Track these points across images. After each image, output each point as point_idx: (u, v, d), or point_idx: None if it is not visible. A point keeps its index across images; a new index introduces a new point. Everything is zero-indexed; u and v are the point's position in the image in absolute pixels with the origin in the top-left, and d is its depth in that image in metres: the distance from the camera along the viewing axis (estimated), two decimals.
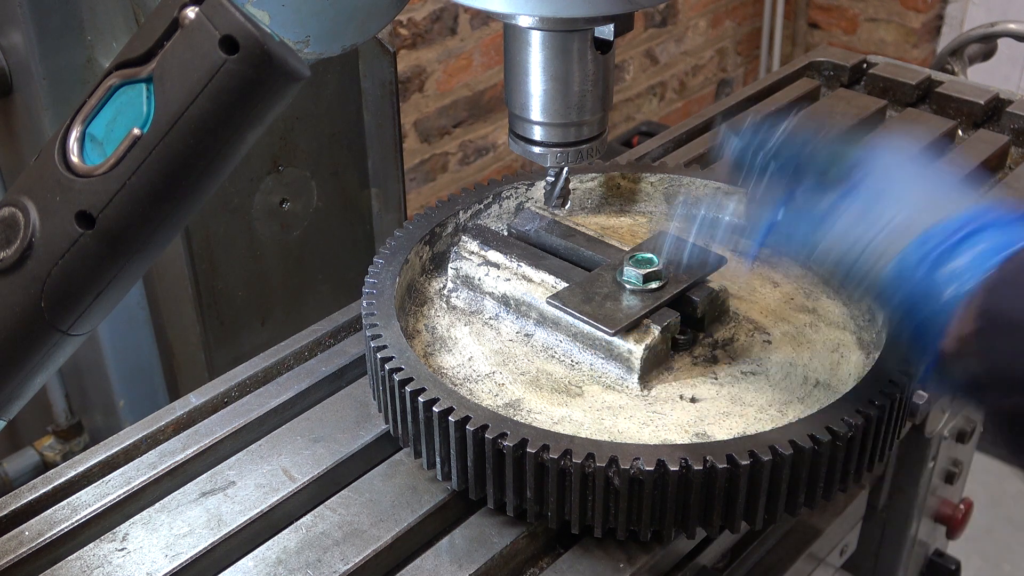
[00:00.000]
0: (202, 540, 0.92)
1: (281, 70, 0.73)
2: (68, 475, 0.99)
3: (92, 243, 0.76)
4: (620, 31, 0.93)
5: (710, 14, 4.23)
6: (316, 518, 0.94)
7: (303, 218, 1.54)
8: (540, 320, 1.05)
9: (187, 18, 0.73)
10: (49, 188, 0.76)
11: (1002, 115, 1.55)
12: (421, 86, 3.22)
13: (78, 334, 0.82)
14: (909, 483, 1.48)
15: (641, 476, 0.85)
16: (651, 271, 1.01)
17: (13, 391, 0.84)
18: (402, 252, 1.09)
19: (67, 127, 0.77)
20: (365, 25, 0.81)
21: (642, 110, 4.14)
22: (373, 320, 1.00)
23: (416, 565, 0.91)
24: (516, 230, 1.14)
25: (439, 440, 0.91)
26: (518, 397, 0.99)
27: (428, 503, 0.95)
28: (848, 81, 1.68)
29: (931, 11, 4.17)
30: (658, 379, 1.00)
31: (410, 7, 3.06)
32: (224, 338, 1.52)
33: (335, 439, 1.02)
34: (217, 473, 0.99)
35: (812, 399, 0.98)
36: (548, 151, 1.01)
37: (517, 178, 1.22)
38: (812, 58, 1.72)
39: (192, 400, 1.08)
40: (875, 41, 4.28)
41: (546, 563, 0.93)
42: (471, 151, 3.50)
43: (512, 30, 0.95)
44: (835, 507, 1.31)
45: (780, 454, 0.86)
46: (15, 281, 0.78)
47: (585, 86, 0.96)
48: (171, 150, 0.74)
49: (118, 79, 0.76)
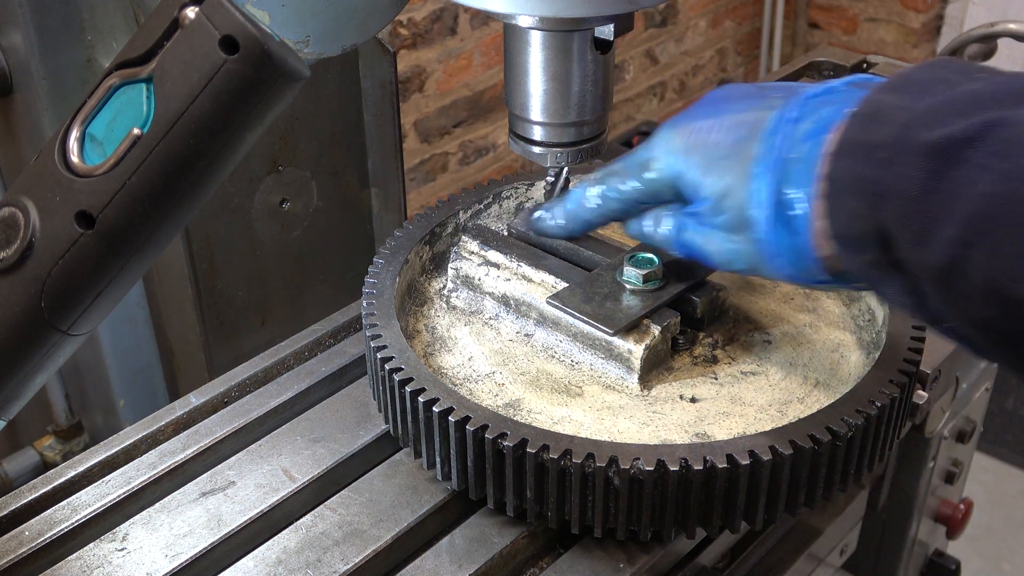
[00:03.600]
0: (202, 540, 0.92)
1: (281, 70, 0.74)
2: (68, 475, 0.99)
3: (92, 243, 0.76)
4: (620, 31, 0.94)
5: (710, 14, 4.23)
6: (316, 518, 0.94)
7: (303, 218, 1.54)
8: (540, 320, 1.05)
9: (187, 18, 0.73)
10: (49, 188, 0.76)
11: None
12: (421, 86, 3.22)
13: (78, 334, 0.82)
14: (909, 483, 1.48)
15: (641, 476, 0.85)
16: (651, 271, 1.01)
17: (13, 391, 0.84)
18: (402, 252, 1.09)
19: (67, 127, 0.77)
20: (365, 25, 0.81)
21: (642, 110, 4.14)
22: (373, 320, 1.00)
23: (416, 565, 0.91)
24: (516, 230, 1.14)
25: (439, 440, 0.91)
26: (518, 397, 0.99)
27: (428, 503, 0.95)
28: None
29: (931, 11, 4.17)
30: (658, 379, 1.00)
31: (410, 7, 3.06)
32: (224, 338, 1.52)
33: (335, 439, 1.02)
34: (217, 473, 0.99)
35: (812, 399, 0.98)
36: (548, 151, 1.01)
37: (517, 178, 1.22)
38: (812, 58, 1.72)
39: (192, 400, 1.08)
40: (875, 41, 4.28)
41: (546, 563, 0.93)
42: (471, 151, 3.50)
43: (512, 30, 0.95)
44: (835, 507, 1.31)
45: (780, 454, 0.86)
46: (15, 281, 0.78)
47: (585, 86, 0.97)
48: (171, 150, 0.74)
49: (118, 79, 0.76)
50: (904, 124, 0.72)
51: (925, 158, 0.70)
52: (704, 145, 0.87)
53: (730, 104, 0.89)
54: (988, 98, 0.71)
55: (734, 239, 0.87)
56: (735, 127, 0.86)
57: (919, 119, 0.71)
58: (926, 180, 0.69)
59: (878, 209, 0.73)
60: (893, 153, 0.72)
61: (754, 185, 0.82)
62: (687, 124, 0.90)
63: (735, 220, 0.85)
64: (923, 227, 0.70)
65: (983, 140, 0.68)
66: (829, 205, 0.77)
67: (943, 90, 0.73)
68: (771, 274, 0.87)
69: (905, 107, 0.73)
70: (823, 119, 0.80)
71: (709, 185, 0.87)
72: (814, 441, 0.87)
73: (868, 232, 0.74)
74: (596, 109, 0.99)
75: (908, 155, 0.71)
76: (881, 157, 0.72)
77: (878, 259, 0.75)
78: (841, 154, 0.76)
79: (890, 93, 0.76)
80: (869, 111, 0.76)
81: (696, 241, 0.91)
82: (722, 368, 1.02)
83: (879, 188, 0.72)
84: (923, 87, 0.74)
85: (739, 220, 0.85)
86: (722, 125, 0.87)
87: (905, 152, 0.71)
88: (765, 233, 0.83)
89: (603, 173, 0.98)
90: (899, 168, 0.71)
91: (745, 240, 0.86)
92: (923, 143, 0.70)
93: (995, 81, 0.73)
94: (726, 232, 0.87)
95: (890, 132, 0.72)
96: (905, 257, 0.72)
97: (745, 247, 0.86)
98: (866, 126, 0.75)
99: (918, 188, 0.70)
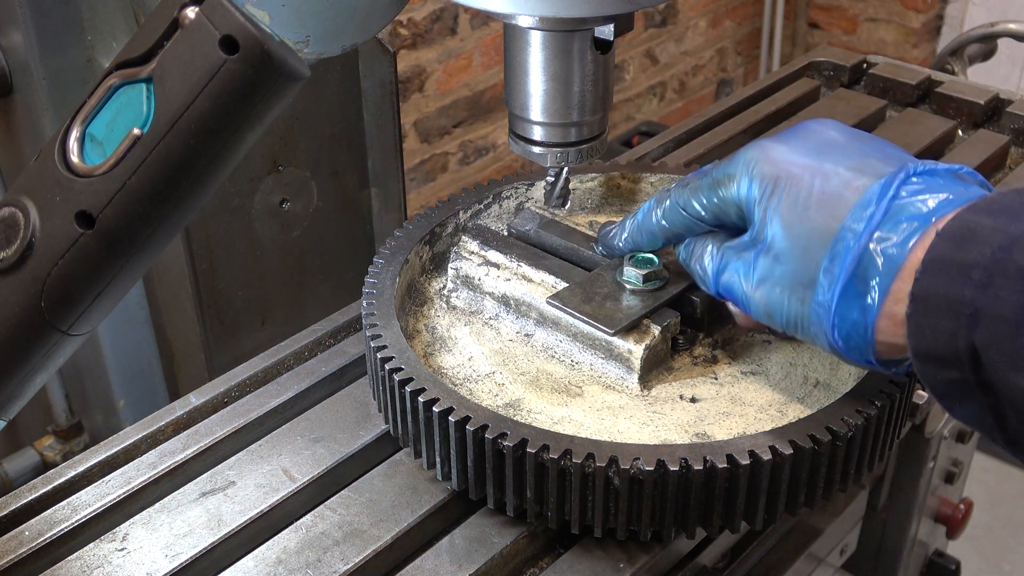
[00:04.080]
0: (202, 540, 0.92)
1: (281, 70, 0.74)
2: (68, 475, 0.99)
3: (92, 243, 0.76)
4: (620, 31, 0.94)
5: (710, 14, 4.23)
6: (316, 518, 0.94)
7: (303, 218, 1.54)
8: (540, 320, 1.05)
9: (187, 18, 0.73)
10: (49, 188, 0.77)
11: (1002, 115, 1.55)
12: (421, 86, 3.22)
13: (78, 334, 0.82)
14: (909, 483, 1.48)
15: (641, 476, 0.85)
16: (651, 271, 1.01)
17: (13, 391, 0.84)
18: (402, 252, 1.09)
19: (67, 127, 0.77)
20: (365, 25, 0.81)
21: (642, 110, 4.14)
22: (373, 320, 1.00)
23: (416, 565, 0.91)
24: (516, 230, 1.14)
25: (439, 440, 0.91)
26: (518, 397, 0.99)
27: (428, 503, 0.95)
28: (848, 81, 1.68)
29: (931, 11, 4.17)
30: (658, 379, 1.00)
31: (410, 7, 3.06)
32: (224, 338, 1.52)
33: (335, 439, 1.02)
34: (217, 473, 0.99)
35: (812, 399, 0.98)
36: (548, 151, 1.01)
37: (517, 178, 1.22)
38: (812, 58, 1.72)
39: (192, 400, 1.08)
40: (875, 41, 4.28)
41: (546, 563, 0.93)
42: (471, 151, 3.50)
43: (512, 30, 0.95)
44: (835, 507, 1.31)
45: (780, 454, 0.86)
46: (15, 281, 0.78)
47: (585, 86, 0.96)
48: (171, 150, 0.74)
49: (118, 79, 0.76)
50: (1000, 246, 0.71)
51: (1022, 281, 0.70)
52: (795, 186, 0.84)
53: (831, 150, 0.86)
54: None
55: (788, 294, 0.85)
56: (833, 179, 0.83)
57: (1015, 243, 0.71)
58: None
59: (971, 330, 0.72)
60: (990, 275, 0.71)
61: (838, 248, 0.80)
62: (778, 154, 0.86)
63: (799, 276, 0.83)
64: (1020, 350, 0.69)
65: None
66: (914, 323, 0.76)
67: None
68: (811, 338, 0.85)
69: (1000, 229, 0.72)
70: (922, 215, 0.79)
71: (785, 231, 0.84)
72: (814, 441, 0.87)
73: (957, 353, 0.73)
74: (596, 109, 0.99)
75: (1005, 278, 0.70)
76: (976, 278, 0.72)
77: (965, 378, 0.74)
78: (930, 272, 0.75)
79: (981, 214, 0.75)
80: (961, 231, 0.75)
81: (737, 283, 0.89)
82: (722, 368, 1.02)
83: (973, 309, 0.71)
84: (1016, 211, 0.74)
85: (804, 277, 0.83)
86: (820, 172, 0.84)
87: (1002, 275, 0.70)
88: (829, 301, 0.81)
89: (676, 185, 0.96)
90: (997, 290, 0.70)
91: (799, 299, 0.84)
92: (1021, 266, 0.70)
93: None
94: (781, 284, 0.85)
95: (985, 253, 0.72)
96: (997, 380, 0.72)
97: (796, 306, 0.84)
98: (959, 245, 0.74)
99: (1016, 312, 0.69)
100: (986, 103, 1.56)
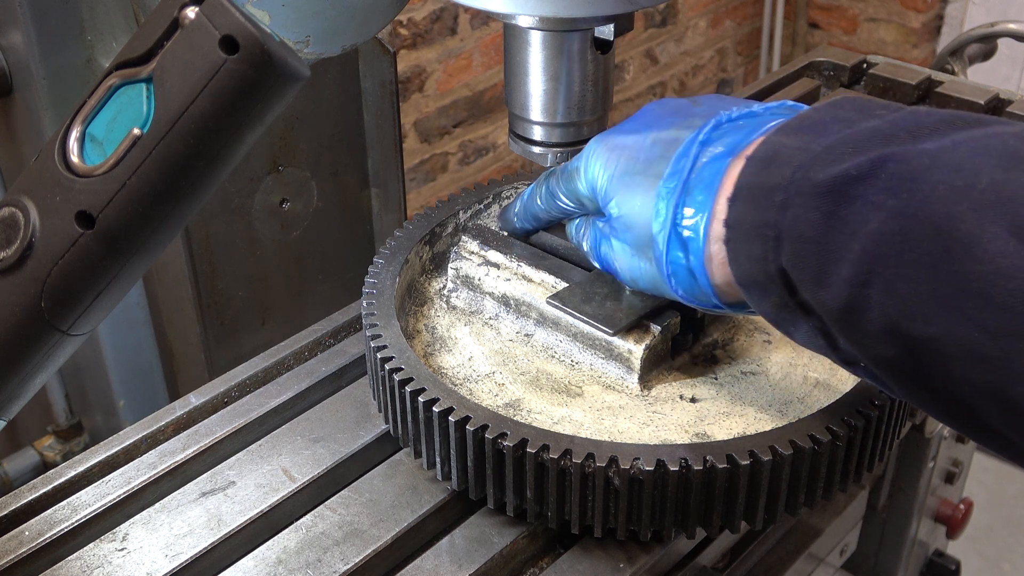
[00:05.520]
0: (202, 540, 0.92)
1: (281, 70, 0.73)
2: (68, 475, 0.99)
3: (92, 243, 0.76)
4: (620, 31, 0.94)
5: (710, 14, 4.23)
6: (316, 518, 0.94)
7: (303, 218, 1.54)
8: (540, 320, 1.05)
9: (187, 18, 0.73)
10: (49, 188, 0.76)
11: (1002, 115, 1.56)
12: (421, 86, 3.22)
13: (78, 334, 0.82)
14: (909, 483, 1.48)
15: (641, 476, 0.85)
16: None
17: (13, 391, 0.84)
18: (402, 252, 1.09)
19: (67, 127, 0.77)
20: (365, 25, 0.81)
21: None
22: (373, 320, 1.00)
23: (416, 565, 0.91)
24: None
25: (439, 440, 0.91)
26: (518, 397, 0.99)
27: (428, 503, 0.95)
28: (848, 81, 1.68)
29: (931, 11, 4.17)
30: (658, 379, 1.00)
31: (410, 7, 3.06)
32: (224, 338, 1.52)
33: (335, 439, 1.02)
34: (217, 473, 0.99)
35: (812, 399, 0.98)
36: (548, 151, 1.01)
37: (517, 178, 1.22)
38: (812, 58, 1.72)
39: (192, 400, 1.08)
40: (875, 41, 4.28)
41: (546, 563, 0.93)
42: (471, 151, 3.50)
43: (512, 30, 0.95)
44: (835, 507, 1.31)
45: (780, 454, 0.86)
46: (15, 281, 0.78)
47: (585, 86, 0.97)
48: (171, 150, 0.74)
49: (118, 79, 0.76)
50: (799, 165, 0.71)
51: (819, 198, 0.69)
52: (623, 160, 0.88)
53: (657, 120, 0.89)
54: (882, 134, 0.70)
55: (639, 257, 0.88)
56: (654, 145, 0.86)
57: (815, 160, 0.71)
58: (821, 220, 0.69)
59: (778, 253, 0.72)
60: (788, 195, 0.71)
61: (658, 204, 0.83)
62: (613, 137, 0.91)
63: (641, 238, 0.86)
64: (821, 268, 0.69)
65: (874, 177, 0.67)
66: (730, 251, 0.77)
67: (840, 129, 0.72)
68: (671, 295, 0.88)
69: (803, 148, 0.72)
70: (732, 144, 0.80)
71: (620, 200, 0.88)
72: (814, 441, 0.87)
73: (771, 276, 0.74)
74: (596, 109, 0.99)
75: (802, 196, 0.70)
76: (777, 200, 0.72)
77: (785, 301, 0.74)
78: (738, 199, 0.76)
79: (788, 135, 0.75)
80: (766, 154, 0.75)
81: (609, 255, 0.93)
82: (722, 368, 1.02)
83: (777, 231, 0.72)
84: (821, 127, 0.73)
85: (644, 238, 0.86)
86: (643, 142, 0.87)
87: (799, 193, 0.70)
88: (660, 254, 0.84)
89: (547, 173, 1.00)
90: (794, 210, 0.70)
91: (647, 259, 0.87)
92: (816, 183, 0.69)
93: (892, 117, 0.72)
94: (632, 249, 0.89)
95: (786, 174, 0.72)
96: (808, 299, 0.72)
97: (647, 266, 0.87)
98: (763, 169, 0.74)
99: (814, 229, 0.69)
100: (986, 103, 1.56)
